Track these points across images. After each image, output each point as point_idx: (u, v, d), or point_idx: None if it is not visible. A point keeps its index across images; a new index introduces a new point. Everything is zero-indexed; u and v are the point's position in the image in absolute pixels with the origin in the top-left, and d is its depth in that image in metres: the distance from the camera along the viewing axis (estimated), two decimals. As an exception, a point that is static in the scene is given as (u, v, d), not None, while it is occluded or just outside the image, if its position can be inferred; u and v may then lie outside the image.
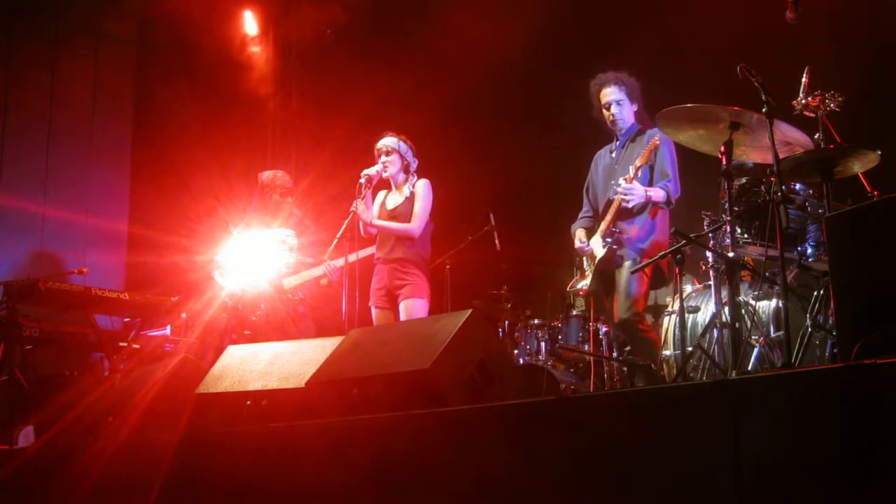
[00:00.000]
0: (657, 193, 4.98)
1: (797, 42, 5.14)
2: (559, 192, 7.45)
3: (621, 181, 4.94)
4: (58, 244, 8.17)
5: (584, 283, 5.22)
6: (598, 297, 5.42)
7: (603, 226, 5.08)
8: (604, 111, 5.25)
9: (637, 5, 6.95)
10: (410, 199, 5.65)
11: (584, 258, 5.28)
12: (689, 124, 4.23)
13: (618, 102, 5.19)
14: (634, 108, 5.23)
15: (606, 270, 5.09)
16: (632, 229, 5.04)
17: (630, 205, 4.94)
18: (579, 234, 5.30)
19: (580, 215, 5.46)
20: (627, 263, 4.96)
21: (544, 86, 7.54)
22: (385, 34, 8.27)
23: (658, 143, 4.96)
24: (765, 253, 4.09)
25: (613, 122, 5.22)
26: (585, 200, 5.46)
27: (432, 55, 7.48)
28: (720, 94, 4.18)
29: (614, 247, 5.00)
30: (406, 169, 5.77)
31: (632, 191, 4.89)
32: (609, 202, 5.09)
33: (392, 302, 5.59)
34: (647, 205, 5.02)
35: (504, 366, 3.81)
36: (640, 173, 4.94)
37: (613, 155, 5.30)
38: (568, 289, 5.48)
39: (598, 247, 5.09)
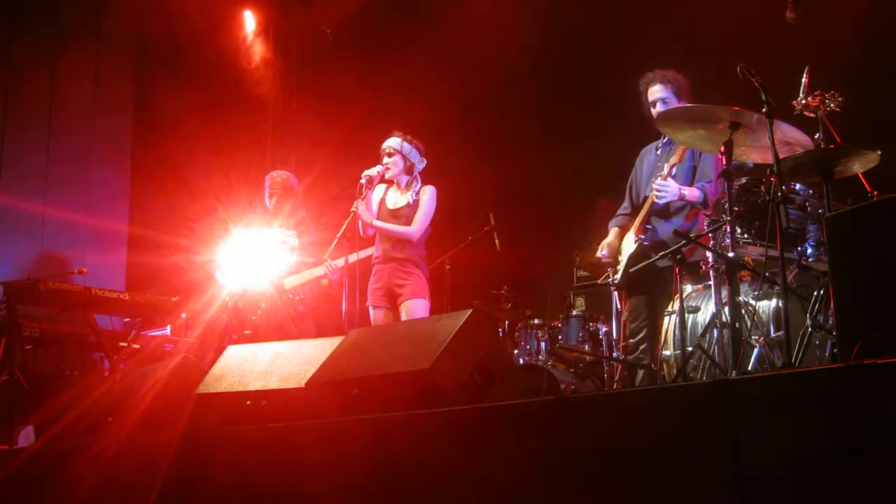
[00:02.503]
0: (692, 193, 4.86)
1: (797, 42, 5.14)
2: (560, 192, 7.47)
3: (658, 178, 4.88)
4: (58, 244, 8.16)
5: (615, 278, 5.14)
6: (621, 293, 5.38)
7: (637, 222, 5.01)
8: (651, 109, 5.17)
9: (639, 6, 6.95)
10: (414, 205, 5.64)
11: (619, 252, 5.18)
12: (689, 124, 4.23)
13: (663, 100, 5.10)
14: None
15: (635, 268, 4.94)
16: (669, 230, 4.92)
17: (661, 202, 4.86)
18: (605, 242, 5.23)
19: (618, 212, 5.39)
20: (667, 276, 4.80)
21: (545, 86, 7.55)
22: (385, 33, 8.28)
23: None
24: (765, 253, 4.09)
25: None
26: (627, 196, 5.38)
27: (433, 55, 7.49)
28: (720, 94, 4.19)
29: (646, 243, 4.91)
30: (410, 170, 5.74)
31: (666, 188, 4.80)
32: (646, 198, 5.02)
33: (391, 301, 5.58)
34: (685, 207, 4.95)
35: (504, 366, 3.81)
36: (674, 171, 4.86)
37: (658, 152, 5.23)
38: (600, 281, 5.43)
39: (629, 243, 5.04)
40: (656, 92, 5.14)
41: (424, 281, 5.57)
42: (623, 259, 5.08)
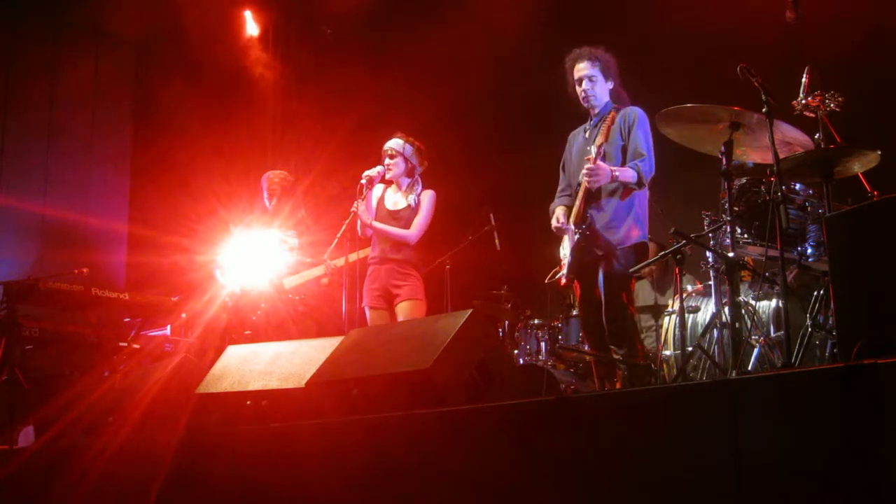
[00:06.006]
0: (625, 173, 4.57)
1: (797, 42, 5.13)
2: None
3: (586, 162, 4.60)
4: (58, 244, 8.17)
5: (562, 273, 4.83)
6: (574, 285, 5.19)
7: (574, 212, 4.72)
8: (576, 87, 4.91)
9: (638, 5, 6.95)
10: (415, 208, 5.61)
11: (561, 246, 4.92)
12: (689, 124, 4.23)
13: (590, 78, 4.84)
14: (609, 85, 4.89)
15: (582, 259, 4.71)
16: (603, 217, 4.66)
17: (595, 186, 4.61)
18: (558, 213, 4.90)
19: (558, 192, 5.01)
20: (604, 265, 4.62)
21: (545, 85, 7.53)
22: (385, 34, 8.28)
23: (616, 116, 4.71)
24: (765, 253, 4.10)
25: (585, 97, 4.86)
26: (562, 177, 5.07)
27: (433, 54, 7.48)
28: (720, 94, 4.19)
29: (587, 233, 4.64)
30: (411, 172, 5.69)
31: (595, 171, 4.54)
32: (580, 185, 4.72)
33: (388, 302, 5.55)
34: (618, 188, 4.63)
35: (504, 366, 3.81)
36: (602, 150, 4.61)
37: (587, 135, 4.92)
38: (546, 281, 5.21)
39: (571, 234, 4.75)
40: (582, 69, 4.86)
41: (421, 283, 5.56)
42: (566, 253, 4.80)
